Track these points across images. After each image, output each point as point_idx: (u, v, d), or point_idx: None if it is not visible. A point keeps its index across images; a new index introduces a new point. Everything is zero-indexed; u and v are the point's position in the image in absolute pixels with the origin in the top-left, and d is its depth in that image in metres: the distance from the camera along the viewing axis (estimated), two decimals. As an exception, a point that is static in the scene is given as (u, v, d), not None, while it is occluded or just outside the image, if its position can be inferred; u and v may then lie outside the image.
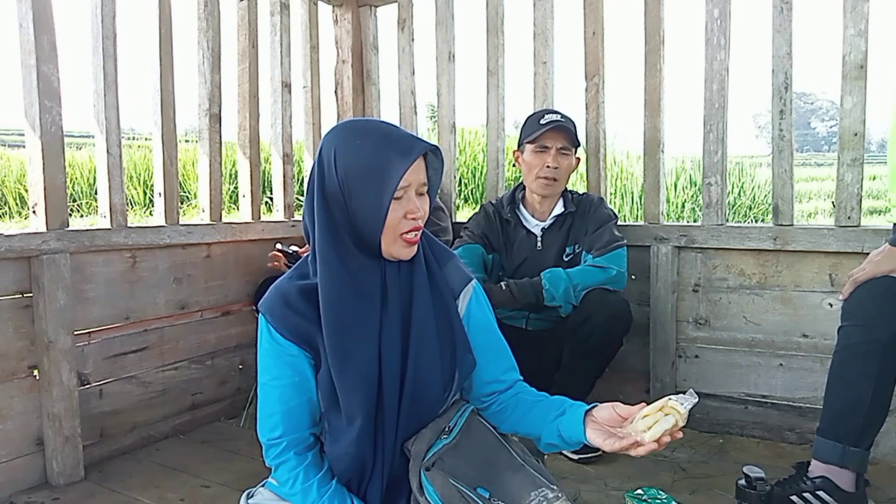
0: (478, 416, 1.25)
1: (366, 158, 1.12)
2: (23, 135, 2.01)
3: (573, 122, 2.24)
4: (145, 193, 7.48)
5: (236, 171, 2.76)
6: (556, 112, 2.25)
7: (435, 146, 1.19)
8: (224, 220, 2.53)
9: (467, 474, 1.15)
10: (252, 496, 1.28)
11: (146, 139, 10.14)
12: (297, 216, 2.85)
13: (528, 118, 2.28)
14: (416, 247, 1.19)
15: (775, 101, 2.19)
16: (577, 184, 5.23)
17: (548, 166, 2.17)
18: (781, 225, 2.20)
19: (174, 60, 2.30)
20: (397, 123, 2.89)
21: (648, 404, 1.08)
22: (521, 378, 1.33)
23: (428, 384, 1.20)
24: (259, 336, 1.22)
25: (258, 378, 1.24)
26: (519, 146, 2.29)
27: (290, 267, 1.98)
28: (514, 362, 1.34)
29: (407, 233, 1.16)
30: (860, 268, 1.63)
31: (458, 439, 1.19)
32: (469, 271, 1.30)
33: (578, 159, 2.30)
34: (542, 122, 2.19)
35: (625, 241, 2.17)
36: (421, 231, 1.19)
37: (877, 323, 1.54)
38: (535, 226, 2.26)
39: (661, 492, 1.76)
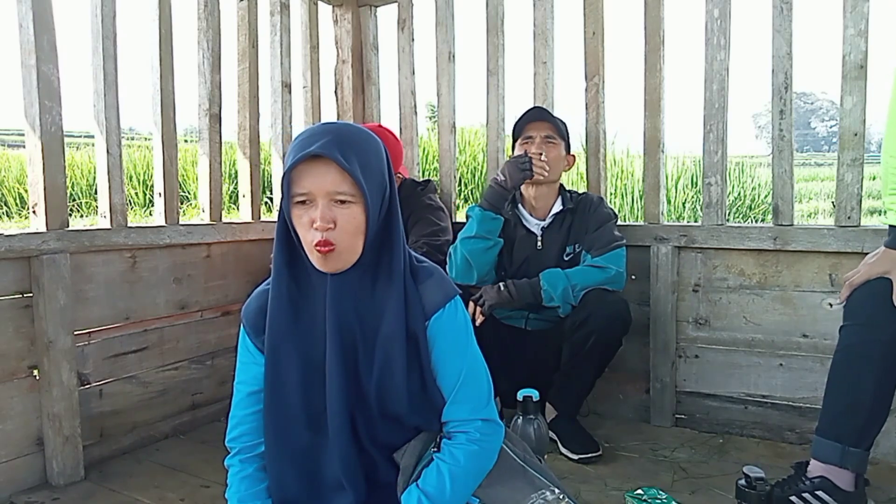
0: None
1: (285, 163, 1.12)
2: (23, 135, 2.01)
3: (561, 120, 2.28)
4: (145, 193, 7.48)
5: (236, 171, 2.76)
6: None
7: (329, 153, 1.05)
8: (224, 220, 2.53)
9: None
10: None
11: (146, 139, 10.16)
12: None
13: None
14: (335, 259, 1.10)
15: (775, 101, 2.19)
16: (578, 184, 5.22)
17: (533, 153, 2.18)
18: (781, 225, 2.20)
19: (174, 60, 2.30)
20: (397, 123, 2.92)
21: None
22: (476, 419, 1.18)
23: (393, 399, 1.16)
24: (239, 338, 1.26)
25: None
26: (512, 148, 2.31)
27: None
28: (473, 399, 1.19)
29: (315, 242, 1.08)
30: (854, 270, 1.63)
31: None
32: (453, 288, 1.21)
33: (574, 157, 2.31)
34: (523, 113, 2.25)
35: (624, 241, 2.17)
36: (328, 242, 1.08)
37: (878, 323, 1.54)
38: (535, 225, 2.26)
39: (661, 492, 1.76)
